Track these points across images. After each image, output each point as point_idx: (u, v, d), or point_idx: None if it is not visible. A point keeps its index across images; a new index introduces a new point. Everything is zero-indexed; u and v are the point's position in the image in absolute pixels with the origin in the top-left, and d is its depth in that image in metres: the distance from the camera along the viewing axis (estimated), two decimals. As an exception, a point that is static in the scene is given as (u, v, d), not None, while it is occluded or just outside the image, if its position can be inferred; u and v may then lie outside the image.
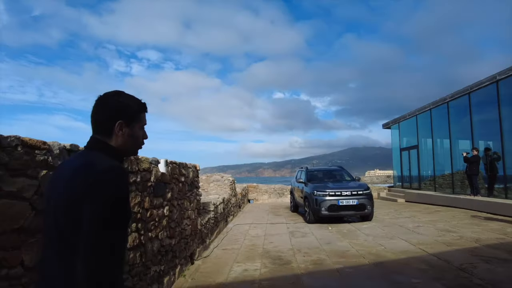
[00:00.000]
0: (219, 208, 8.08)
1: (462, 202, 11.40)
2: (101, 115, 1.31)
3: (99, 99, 1.32)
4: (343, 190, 9.06)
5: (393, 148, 19.37)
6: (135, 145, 1.39)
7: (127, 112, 1.33)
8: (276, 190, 18.52)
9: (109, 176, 1.15)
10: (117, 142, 1.32)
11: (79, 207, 1.10)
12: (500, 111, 10.66)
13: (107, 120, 1.30)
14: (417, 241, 6.58)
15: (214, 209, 7.45)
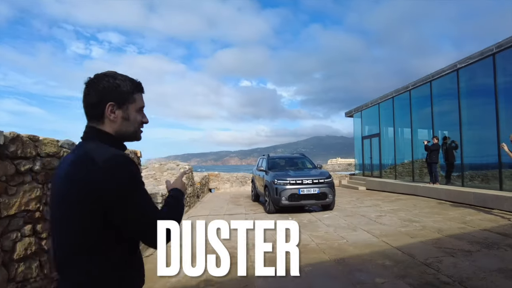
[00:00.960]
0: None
1: (421, 190, 11.41)
2: (91, 98, 1.20)
3: (88, 82, 1.21)
4: (304, 179, 8.60)
5: (355, 136, 19.38)
6: (132, 129, 1.26)
7: (118, 93, 1.21)
8: (239, 179, 17.94)
9: (110, 168, 1.07)
10: (112, 128, 1.22)
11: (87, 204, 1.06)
12: (459, 100, 10.66)
13: (97, 104, 1.19)
14: (380, 233, 6.24)
15: (163, 201, 6.66)
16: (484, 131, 10.09)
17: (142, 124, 1.31)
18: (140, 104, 1.28)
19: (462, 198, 9.37)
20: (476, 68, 10.07)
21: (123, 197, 1.06)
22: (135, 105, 1.26)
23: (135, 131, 1.28)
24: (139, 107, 1.27)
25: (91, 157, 1.08)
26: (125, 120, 1.23)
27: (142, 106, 1.29)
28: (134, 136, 1.29)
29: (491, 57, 9.26)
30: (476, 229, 6.21)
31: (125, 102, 1.23)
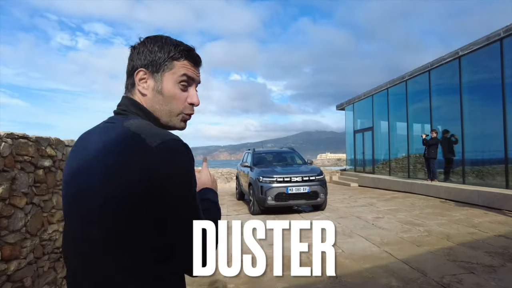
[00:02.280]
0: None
1: (418, 187, 10.62)
2: (128, 64, 0.91)
3: (132, 47, 0.92)
4: (293, 176, 7.67)
5: (346, 130, 18.55)
6: (168, 109, 0.89)
7: (155, 56, 0.87)
8: (224, 175, 16.96)
9: (168, 153, 0.77)
10: (145, 103, 0.89)
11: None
12: (461, 90, 9.85)
13: (130, 70, 0.90)
14: (381, 240, 5.36)
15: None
16: (488, 124, 9.33)
17: (190, 107, 0.92)
18: (182, 71, 0.88)
19: (464, 197, 8.59)
20: (481, 55, 9.25)
21: (179, 192, 0.80)
22: (176, 74, 0.88)
23: (170, 110, 0.89)
24: (181, 74, 0.88)
25: (140, 137, 0.77)
26: (159, 95, 0.88)
27: (189, 74, 0.89)
28: (169, 119, 0.91)
29: (498, 42, 8.44)
30: (489, 235, 5.38)
31: (162, 69, 0.88)
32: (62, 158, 3.69)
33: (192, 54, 0.92)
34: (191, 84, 0.92)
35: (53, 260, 3.41)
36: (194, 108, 0.94)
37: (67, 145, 3.85)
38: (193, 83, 0.92)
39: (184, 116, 0.93)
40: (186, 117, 0.94)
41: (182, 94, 0.90)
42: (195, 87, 0.93)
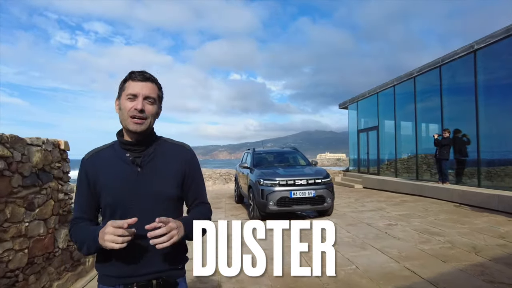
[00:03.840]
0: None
1: (429, 190, 9.96)
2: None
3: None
4: (297, 178, 7.01)
5: (349, 129, 17.87)
6: (122, 117, 1.32)
7: (119, 87, 1.35)
8: (222, 175, 16.28)
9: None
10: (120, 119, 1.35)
11: None
12: (476, 87, 9.18)
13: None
14: (399, 253, 4.70)
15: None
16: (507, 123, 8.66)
17: (135, 111, 1.28)
18: (127, 91, 1.30)
19: (481, 201, 7.93)
20: (499, 49, 8.60)
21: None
22: (125, 93, 1.30)
23: (125, 119, 1.30)
24: (128, 93, 1.29)
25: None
26: (120, 111, 1.32)
27: (131, 93, 1.29)
28: (124, 125, 1.32)
29: (519, 34, 7.79)
30: (522, 248, 4.73)
31: (121, 93, 1.32)
32: (22, 159, 3.02)
33: (134, 75, 1.31)
34: (136, 96, 1.30)
35: (6, 287, 2.75)
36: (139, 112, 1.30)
37: (30, 143, 3.19)
38: (136, 94, 1.30)
39: (131, 119, 1.30)
40: (134, 119, 1.29)
41: (128, 104, 1.30)
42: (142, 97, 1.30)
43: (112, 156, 1.36)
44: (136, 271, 1.30)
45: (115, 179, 1.32)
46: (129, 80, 1.31)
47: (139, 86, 1.29)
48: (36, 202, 3.19)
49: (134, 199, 1.31)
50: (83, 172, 1.36)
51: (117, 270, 1.30)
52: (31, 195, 3.13)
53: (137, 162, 1.34)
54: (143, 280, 1.31)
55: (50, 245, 3.41)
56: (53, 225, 3.48)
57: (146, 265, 1.31)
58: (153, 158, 1.37)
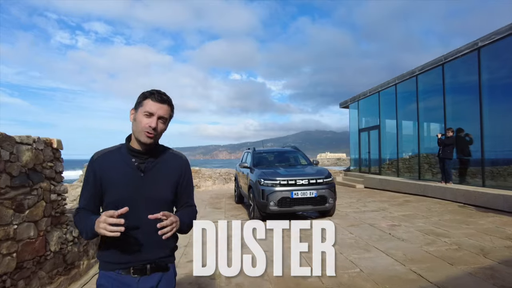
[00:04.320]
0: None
1: (432, 190, 9.81)
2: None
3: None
4: (298, 178, 6.85)
5: (350, 129, 17.71)
6: (137, 129, 1.51)
7: (137, 100, 1.55)
8: (222, 175, 16.12)
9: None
10: (132, 127, 1.56)
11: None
12: (480, 85, 9.01)
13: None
14: (403, 255, 4.55)
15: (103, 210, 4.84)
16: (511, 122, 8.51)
17: (149, 128, 1.48)
18: (145, 108, 1.50)
19: (486, 201, 7.78)
20: (503, 46, 8.43)
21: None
22: (142, 109, 1.50)
23: (138, 131, 1.51)
24: (145, 111, 1.49)
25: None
26: (134, 121, 1.53)
27: (148, 110, 1.49)
28: (137, 135, 1.52)
29: (525, 31, 7.63)
30: (532, 250, 4.58)
31: (138, 107, 1.53)
32: (10, 159, 2.87)
33: (151, 94, 1.53)
34: (152, 114, 1.51)
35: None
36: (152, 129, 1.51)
37: (19, 142, 3.04)
38: (153, 113, 1.51)
39: (146, 133, 1.51)
40: (148, 134, 1.50)
41: (145, 120, 1.50)
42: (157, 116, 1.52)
43: (119, 159, 1.56)
44: (133, 258, 1.52)
45: (120, 180, 1.52)
46: (149, 98, 1.51)
47: (157, 106, 1.50)
48: (26, 203, 3.04)
49: (135, 200, 1.51)
50: (91, 170, 1.56)
51: (117, 257, 1.52)
52: (20, 196, 2.98)
53: (141, 168, 1.56)
54: (139, 265, 1.54)
55: (41, 248, 3.26)
56: (45, 227, 3.33)
57: (142, 253, 1.53)
58: (155, 166, 1.59)
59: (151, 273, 1.56)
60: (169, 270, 1.63)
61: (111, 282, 1.53)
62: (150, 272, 1.56)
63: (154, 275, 1.57)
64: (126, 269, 1.53)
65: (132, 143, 1.57)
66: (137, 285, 1.53)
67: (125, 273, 1.53)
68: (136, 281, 1.53)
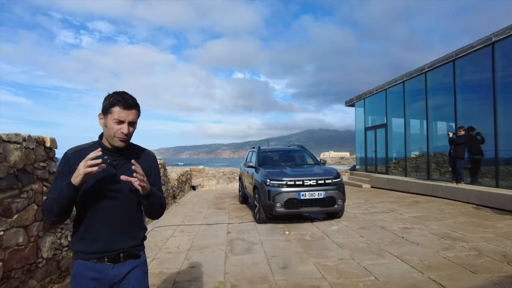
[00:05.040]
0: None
1: (443, 190, 9.50)
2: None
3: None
4: (306, 178, 6.57)
5: (356, 127, 17.39)
6: (109, 134, 1.61)
7: (103, 104, 1.60)
8: (226, 175, 15.87)
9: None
10: (104, 130, 1.66)
11: None
12: (494, 82, 8.69)
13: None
14: (420, 261, 4.26)
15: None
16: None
17: (121, 134, 1.58)
18: (115, 116, 1.57)
19: (502, 203, 7.46)
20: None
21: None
22: (111, 116, 1.58)
23: (111, 136, 1.61)
24: (114, 118, 1.57)
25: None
26: (105, 127, 1.62)
27: (117, 118, 1.57)
28: (110, 140, 1.62)
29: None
30: (558, 256, 4.27)
31: (106, 113, 1.60)
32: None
33: (119, 102, 1.59)
34: (122, 121, 1.59)
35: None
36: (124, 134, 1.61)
37: (6, 140, 2.79)
38: (122, 121, 1.59)
39: (118, 138, 1.61)
40: (120, 138, 1.61)
41: (116, 127, 1.59)
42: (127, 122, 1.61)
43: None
44: (106, 248, 1.64)
45: (94, 175, 1.53)
46: (117, 106, 1.56)
47: (125, 113, 1.57)
48: (14, 207, 2.79)
49: (108, 193, 1.63)
50: (66, 164, 1.64)
51: (91, 247, 1.62)
52: (7, 200, 2.73)
53: (114, 165, 1.66)
54: (112, 254, 1.65)
55: (32, 256, 3.01)
56: (36, 233, 3.08)
57: (115, 243, 1.65)
58: (125, 162, 1.68)
59: (124, 261, 1.68)
60: (140, 257, 1.75)
61: (86, 271, 1.63)
62: (124, 260, 1.68)
63: (127, 262, 1.69)
64: (101, 258, 1.63)
65: (104, 141, 1.67)
66: (112, 271, 1.65)
67: (100, 262, 1.64)
68: (111, 268, 1.65)
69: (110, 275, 1.64)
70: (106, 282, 1.65)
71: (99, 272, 1.63)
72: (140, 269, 1.74)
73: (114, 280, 1.66)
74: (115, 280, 1.66)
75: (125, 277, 1.68)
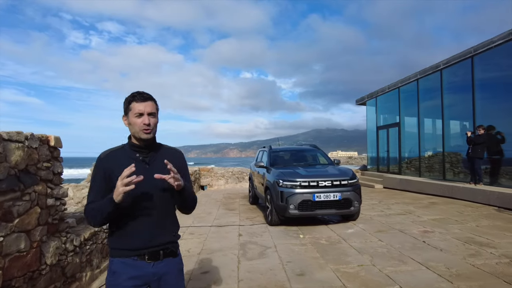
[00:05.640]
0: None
1: (461, 191, 9.14)
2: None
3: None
4: (321, 179, 6.30)
5: (368, 126, 17.03)
6: (134, 130, 1.68)
7: (124, 107, 1.72)
8: (235, 174, 15.66)
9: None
10: (130, 131, 1.73)
11: None
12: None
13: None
14: (447, 269, 3.97)
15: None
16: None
17: (144, 125, 1.66)
18: (135, 110, 1.66)
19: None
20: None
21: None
22: (132, 112, 1.67)
23: (136, 131, 1.68)
24: (135, 113, 1.66)
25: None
26: (130, 125, 1.70)
27: (137, 112, 1.66)
28: (137, 135, 1.69)
29: None
30: None
31: (127, 111, 1.70)
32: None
33: (134, 97, 1.70)
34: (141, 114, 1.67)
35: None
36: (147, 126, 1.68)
37: (7, 139, 2.59)
38: (142, 113, 1.67)
39: (143, 131, 1.68)
40: (145, 130, 1.68)
41: (137, 120, 1.67)
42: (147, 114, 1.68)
43: (124, 155, 1.71)
44: (146, 244, 1.67)
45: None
46: (133, 102, 1.67)
47: (143, 105, 1.66)
48: (15, 210, 2.60)
49: (143, 189, 1.63)
50: (101, 167, 1.70)
51: (131, 245, 1.66)
52: (8, 202, 2.53)
53: (146, 161, 1.72)
54: (153, 250, 1.69)
55: (35, 262, 2.82)
56: (39, 238, 2.89)
57: (153, 238, 1.69)
58: (157, 158, 1.74)
59: (163, 258, 1.72)
60: (178, 256, 1.81)
61: (126, 269, 1.66)
62: (163, 257, 1.72)
63: (165, 260, 1.73)
64: (141, 255, 1.67)
65: (133, 140, 1.74)
66: (151, 269, 1.68)
67: (140, 259, 1.67)
68: (151, 266, 1.69)
69: (149, 273, 1.68)
70: (145, 280, 1.68)
71: (139, 270, 1.67)
72: (177, 267, 1.79)
73: (153, 278, 1.69)
74: (154, 278, 1.69)
75: (164, 276, 1.72)
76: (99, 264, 4.11)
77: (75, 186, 5.54)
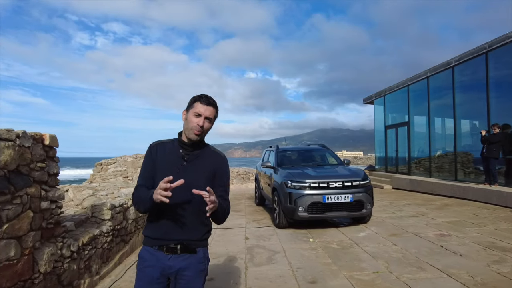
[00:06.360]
0: (127, 214, 4.79)
1: (475, 192, 8.82)
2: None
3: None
4: (331, 180, 6.03)
5: (376, 126, 16.70)
6: (187, 127, 1.76)
7: (188, 103, 1.81)
8: (240, 175, 15.43)
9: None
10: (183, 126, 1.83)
11: None
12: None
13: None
14: (470, 277, 3.70)
15: (112, 217, 4.15)
16: None
17: (197, 126, 1.73)
18: (195, 110, 1.75)
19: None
20: None
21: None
22: (192, 110, 1.76)
23: (188, 129, 1.76)
24: (195, 111, 1.75)
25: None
26: (185, 120, 1.80)
27: (197, 112, 1.74)
28: (187, 133, 1.78)
29: None
30: None
31: (189, 108, 1.78)
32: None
33: (198, 97, 1.78)
34: (200, 115, 1.75)
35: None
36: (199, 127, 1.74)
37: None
38: (201, 114, 1.75)
39: (194, 130, 1.75)
40: (197, 130, 1.75)
41: (194, 119, 1.75)
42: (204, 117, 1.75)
43: (171, 148, 1.83)
44: (166, 236, 1.75)
45: (167, 165, 1.77)
46: (198, 101, 1.77)
47: (204, 108, 1.76)
48: (4, 215, 2.38)
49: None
50: (149, 154, 1.84)
51: (154, 234, 1.77)
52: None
53: (185, 158, 1.80)
54: (171, 243, 1.75)
55: (27, 271, 2.60)
56: (32, 244, 2.67)
57: (174, 232, 1.76)
58: (197, 158, 1.82)
59: (180, 253, 1.74)
60: (197, 253, 1.78)
61: (150, 256, 1.75)
62: (180, 252, 1.74)
63: (182, 255, 1.74)
64: (161, 246, 1.74)
65: (183, 137, 1.82)
66: (168, 262, 1.73)
67: (160, 250, 1.74)
68: (168, 258, 1.73)
69: (165, 265, 1.72)
70: (161, 270, 1.73)
71: (158, 261, 1.73)
72: (197, 267, 1.78)
73: (170, 271, 1.73)
74: (170, 271, 1.73)
75: (181, 271, 1.73)
76: (99, 270, 3.89)
77: (76, 187, 5.34)
